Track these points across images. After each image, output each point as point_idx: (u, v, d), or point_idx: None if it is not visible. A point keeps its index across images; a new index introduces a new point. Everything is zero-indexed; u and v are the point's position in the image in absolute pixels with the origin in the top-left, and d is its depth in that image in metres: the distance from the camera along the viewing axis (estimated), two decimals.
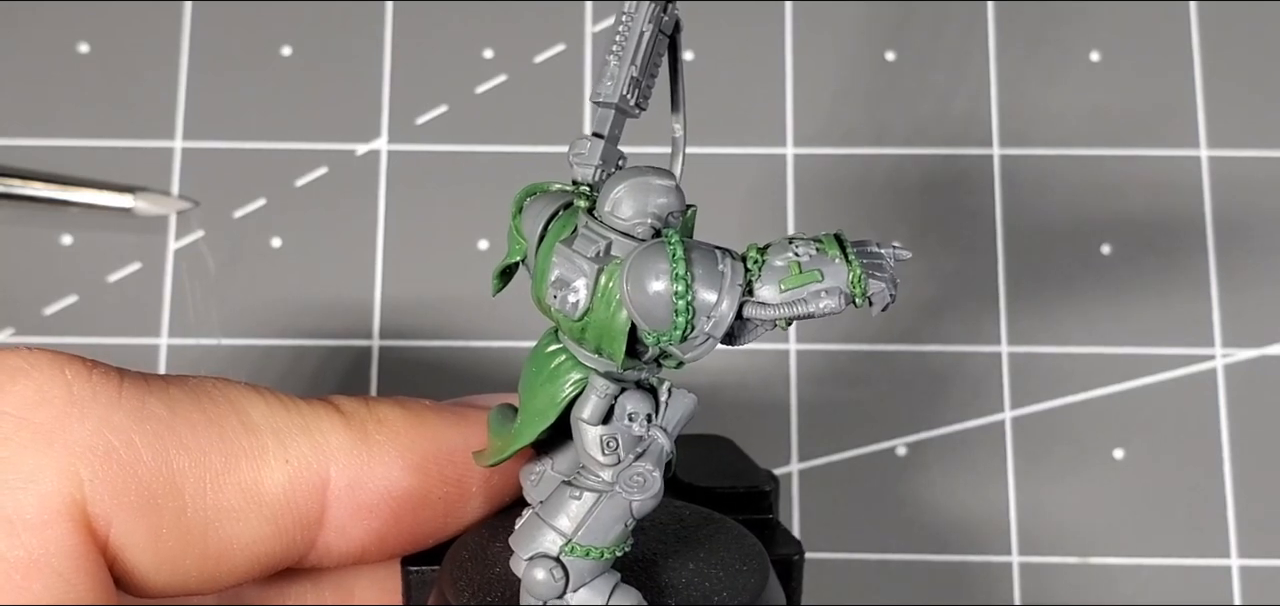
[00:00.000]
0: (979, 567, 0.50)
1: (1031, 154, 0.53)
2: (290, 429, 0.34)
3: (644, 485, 0.30)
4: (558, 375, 0.30)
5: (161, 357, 0.51)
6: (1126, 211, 0.53)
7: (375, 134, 0.54)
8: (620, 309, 0.28)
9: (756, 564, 0.33)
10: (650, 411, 0.30)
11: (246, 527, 0.33)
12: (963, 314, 0.52)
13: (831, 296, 0.28)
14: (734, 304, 0.28)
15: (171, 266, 0.52)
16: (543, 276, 0.29)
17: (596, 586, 0.30)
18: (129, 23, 0.54)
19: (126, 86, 0.54)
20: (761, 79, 0.54)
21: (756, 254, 0.28)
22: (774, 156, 0.53)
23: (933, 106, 0.54)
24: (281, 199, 0.53)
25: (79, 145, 0.53)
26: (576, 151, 0.30)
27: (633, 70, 0.30)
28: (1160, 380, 0.52)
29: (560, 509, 0.30)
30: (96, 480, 0.31)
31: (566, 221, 0.30)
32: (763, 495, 0.39)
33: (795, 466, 0.51)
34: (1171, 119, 0.53)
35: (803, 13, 0.55)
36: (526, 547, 0.30)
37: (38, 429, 0.31)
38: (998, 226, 0.53)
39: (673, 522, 0.35)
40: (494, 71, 0.54)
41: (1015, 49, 0.54)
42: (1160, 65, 0.54)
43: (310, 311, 0.52)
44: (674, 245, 0.28)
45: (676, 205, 0.29)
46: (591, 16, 0.55)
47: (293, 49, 0.54)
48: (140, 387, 0.33)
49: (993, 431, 0.51)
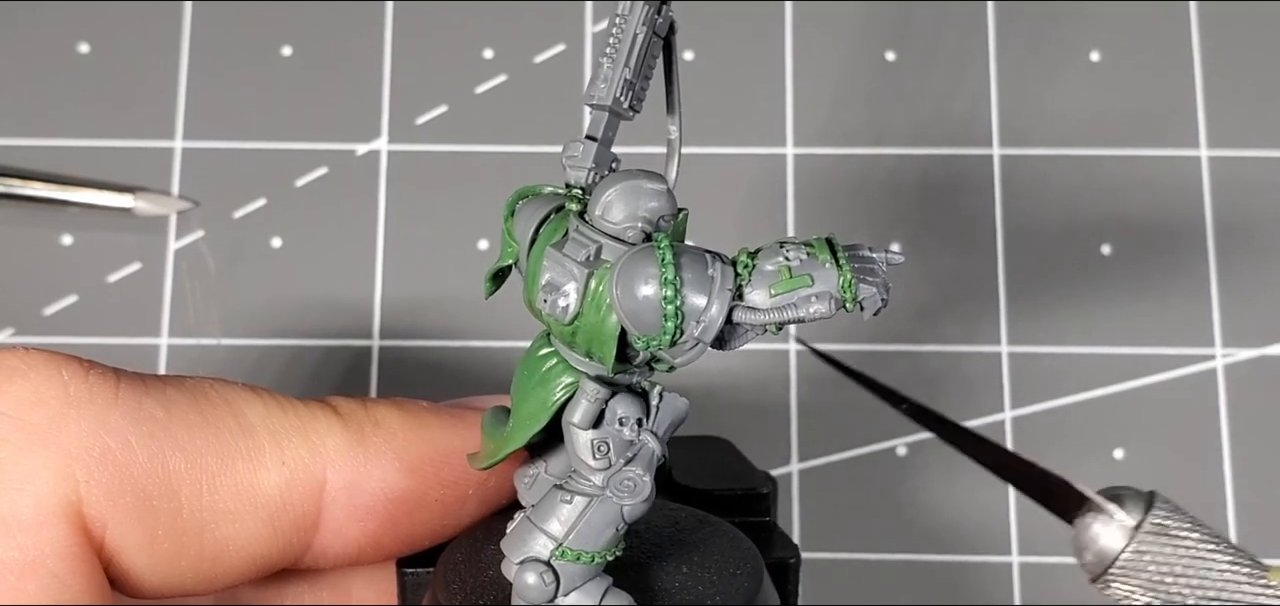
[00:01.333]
0: (979, 567, 0.50)
1: (1031, 154, 0.53)
2: (287, 430, 0.34)
3: (635, 489, 0.30)
4: (549, 379, 0.30)
5: (161, 358, 0.51)
6: (1126, 211, 0.53)
7: (375, 134, 0.54)
8: (610, 313, 0.28)
9: (750, 567, 0.33)
10: (641, 415, 0.30)
11: (242, 529, 0.33)
12: (963, 314, 0.52)
13: (822, 301, 0.28)
14: (723, 308, 0.28)
15: (171, 266, 0.52)
16: (534, 280, 0.29)
17: (587, 590, 0.30)
18: (129, 23, 0.54)
19: (126, 86, 0.54)
20: (761, 79, 0.54)
21: (747, 258, 0.28)
22: (774, 156, 0.53)
23: (933, 107, 0.54)
24: (281, 199, 0.53)
25: (79, 145, 0.53)
26: (569, 154, 0.30)
27: (626, 72, 0.30)
28: (1160, 380, 0.51)
29: (551, 512, 0.30)
30: (92, 481, 0.31)
31: (558, 225, 0.30)
32: (760, 497, 0.39)
33: (795, 466, 0.51)
34: (1171, 119, 0.53)
35: (803, 13, 0.55)
36: (517, 551, 0.30)
37: (34, 429, 0.31)
38: (998, 227, 0.53)
39: (668, 525, 0.35)
40: (494, 71, 0.54)
41: (1015, 49, 0.54)
42: (1160, 65, 0.54)
43: (310, 311, 0.52)
44: (663, 249, 0.28)
45: (667, 209, 0.29)
46: (591, 16, 0.55)
47: (293, 49, 0.54)
48: (137, 388, 0.33)
49: (993, 431, 0.51)
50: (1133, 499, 0.27)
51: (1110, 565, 0.27)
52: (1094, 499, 0.27)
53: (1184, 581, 0.27)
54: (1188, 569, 0.27)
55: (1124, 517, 0.27)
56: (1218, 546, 0.27)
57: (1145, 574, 0.27)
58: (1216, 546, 0.27)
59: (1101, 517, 0.27)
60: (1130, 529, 0.27)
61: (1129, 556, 0.27)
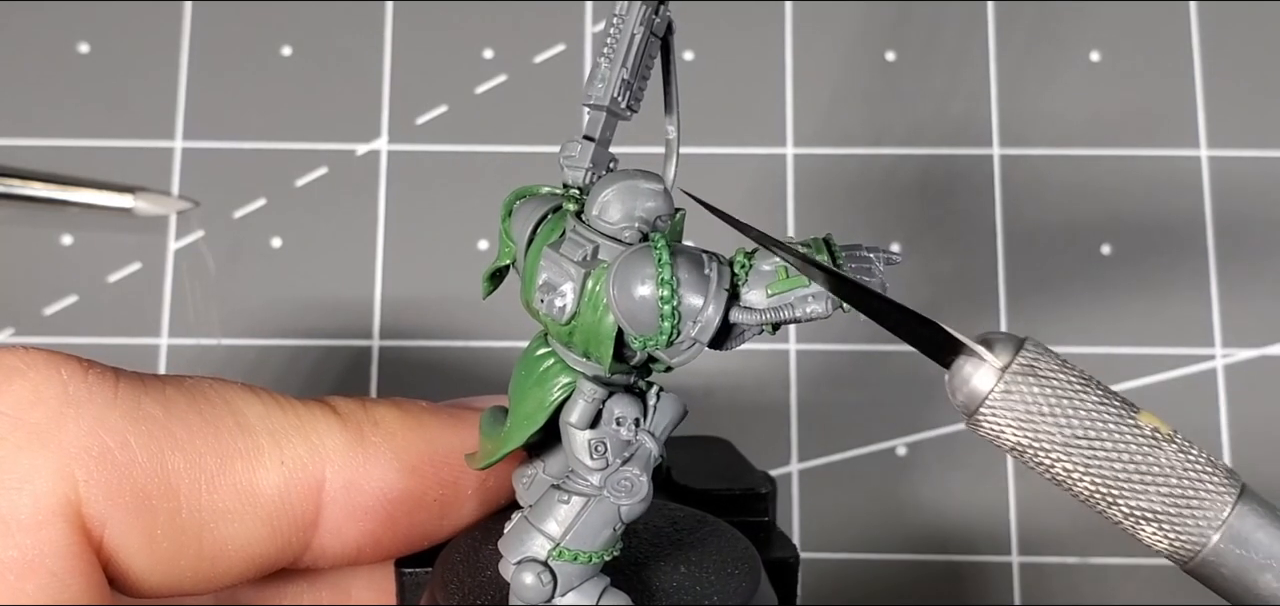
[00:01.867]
0: (979, 567, 0.50)
1: (1031, 154, 0.53)
2: (286, 430, 0.34)
3: (632, 489, 0.30)
4: (546, 379, 0.30)
5: (161, 358, 0.51)
6: (1126, 211, 0.52)
7: (375, 134, 0.54)
8: (607, 313, 0.28)
9: (748, 567, 0.33)
10: (638, 415, 0.30)
11: (241, 528, 0.33)
12: (962, 314, 0.52)
13: (818, 301, 0.28)
14: (720, 308, 0.28)
15: (171, 266, 0.52)
16: (531, 280, 0.29)
17: (585, 590, 0.30)
18: (129, 23, 0.54)
19: (126, 86, 0.54)
20: (761, 79, 0.54)
21: (744, 258, 0.28)
22: (774, 156, 0.53)
23: (932, 106, 0.54)
24: (281, 199, 0.53)
25: (79, 145, 0.53)
26: (567, 154, 0.30)
27: (624, 72, 0.30)
28: (1160, 380, 0.51)
29: (548, 513, 0.30)
30: (91, 481, 0.31)
31: (555, 225, 0.30)
32: (759, 497, 0.39)
33: (795, 466, 0.51)
34: (1171, 119, 0.53)
35: (803, 13, 0.55)
36: (515, 551, 0.30)
37: (33, 429, 0.31)
38: (997, 226, 0.53)
39: (666, 525, 0.35)
40: (494, 71, 0.54)
41: (1015, 49, 0.54)
42: (1160, 65, 0.54)
43: (310, 311, 0.52)
44: (660, 249, 0.28)
45: (664, 209, 0.29)
46: (591, 16, 0.55)
47: (293, 49, 0.54)
48: (136, 388, 0.33)
49: None
50: (1003, 342, 0.28)
51: (980, 404, 0.27)
52: (966, 343, 0.27)
53: (1051, 419, 0.27)
54: (1055, 407, 0.27)
55: (993, 360, 0.27)
56: (1087, 386, 0.27)
57: (1013, 412, 0.27)
58: (1085, 386, 0.27)
59: (973, 360, 0.28)
60: (999, 369, 0.27)
61: (998, 396, 0.27)
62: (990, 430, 0.28)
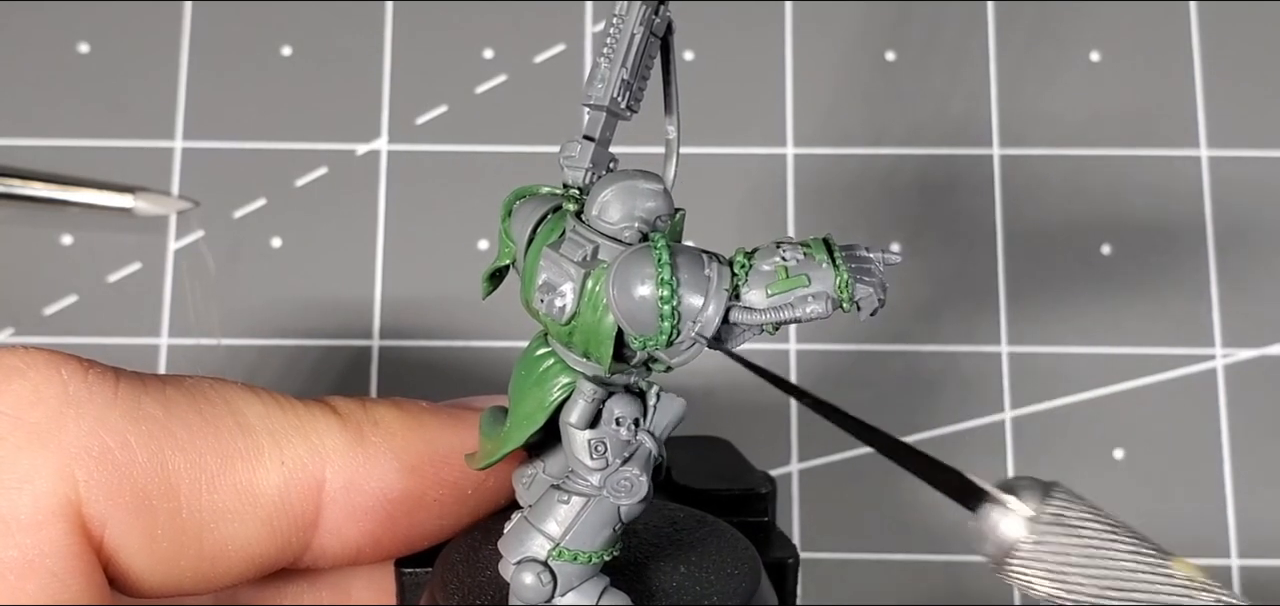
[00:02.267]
0: (979, 568, 0.50)
1: (1031, 154, 0.53)
2: (286, 430, 0.34)
3: (631, 489, 0.30)
4: (546, 379, 0.30)
5: (161, 357, 0.51)
6: (1126, 211, 0.52)
7: (375, 134, 0.54)
8: (607, 313, 0.28)
9: (748, 567, 0.33)
10: (638, 415, 0.30)
11: (241, 528, 0.33)
12: (962, 314, 0.52)
13: (818, 301, 0.28)
14: (720, 308, 0.28)
15: (171, 266, 0.52)
16: (530, 280, 0.29)
17: (584, 590, 0.30)
18: (129, 23, 0.54)
19: (126, 86, 0.54)
20: (761, 79, 0.54)
21: (743, 258, 0.28)
22: (774, 156, 0.53)
23: (932, 106, 0.54)
24: (281, 199, 0.53)
25: (79, 145, 0.53)
26: (566, 154, 0.30)
27: (623, 72, 0.30)
28: (1160, 380, 0.51)
29: (548, 513, 0.30)
30: (91, 480, 0.31)
31: (555, 225, 0.30)
32: (759, 497, 0.39)
33: (795, 466, 0.51)
34: (1171, 119, 0.53)
35: (803, 13, 0.55)
36: (514, 551, 0.30)
37: (33, 429, 0.31)
38: (997, 226, 0.53)
39: (666, 525, 0.35)
40: (494, 71, 0.54)
41: (1014, 49, 0.54)
42: (1160, 65, 0.54)
43: (310, 311, 0.52)
44: (660, 249, 0.28)
45: (664, 209, 0.29)
46: (591, 16, 0.55)
47: (293, 49, 0.54)
48: (136, 388, 0.33)
49: (993, 431, 0.51)
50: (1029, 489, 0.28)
51: (1010, 554, 0.27)
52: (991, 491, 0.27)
53: (1082, 570, 0.27)
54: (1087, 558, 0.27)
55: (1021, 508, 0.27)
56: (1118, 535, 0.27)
57: (1044, 563, 0.27)
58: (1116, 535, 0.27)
59: (999, 508, 0.28)
60: (1027, 519, 0.27)
61: (1028, 547, 0.27)
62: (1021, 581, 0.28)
